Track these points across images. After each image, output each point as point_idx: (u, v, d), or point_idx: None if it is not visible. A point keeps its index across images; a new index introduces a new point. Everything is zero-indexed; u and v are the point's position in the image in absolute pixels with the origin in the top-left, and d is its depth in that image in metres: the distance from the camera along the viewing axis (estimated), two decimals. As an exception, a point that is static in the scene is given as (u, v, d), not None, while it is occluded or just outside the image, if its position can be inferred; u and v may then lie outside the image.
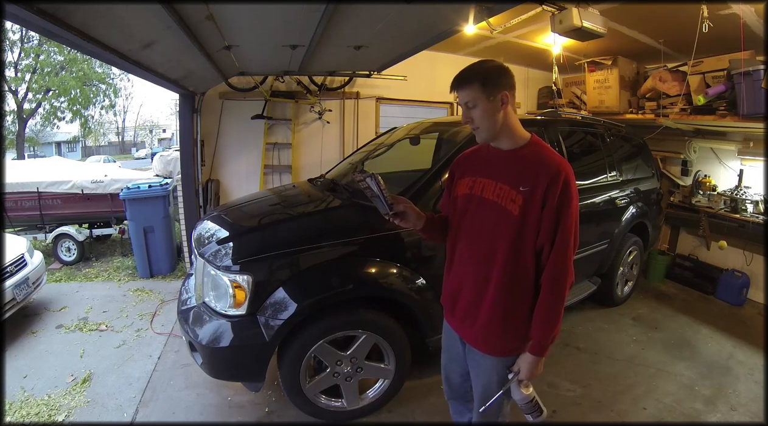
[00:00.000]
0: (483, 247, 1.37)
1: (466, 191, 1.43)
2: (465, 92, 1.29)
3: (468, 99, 1.30)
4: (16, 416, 2.31)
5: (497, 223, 1.32)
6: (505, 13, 2.73)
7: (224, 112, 4.32)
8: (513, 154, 1.36)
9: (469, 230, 1.42)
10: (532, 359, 1.33)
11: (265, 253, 2.02)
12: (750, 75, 2.95)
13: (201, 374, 2.29)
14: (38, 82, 14.15)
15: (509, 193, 1.30)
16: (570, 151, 2.94)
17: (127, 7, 1.73)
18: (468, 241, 1.42)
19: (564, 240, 1.27)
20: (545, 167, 1.27)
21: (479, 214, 1.38)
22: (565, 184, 1.25)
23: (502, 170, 1.35)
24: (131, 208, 4.29)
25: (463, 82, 1.29)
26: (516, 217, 1.28)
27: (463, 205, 1.44)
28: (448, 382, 1.70)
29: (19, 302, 3.15)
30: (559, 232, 1.26)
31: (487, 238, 1.35)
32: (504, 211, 1.31)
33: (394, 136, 3.31)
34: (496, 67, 1.30)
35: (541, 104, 5.43)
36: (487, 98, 1.28)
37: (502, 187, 1.33)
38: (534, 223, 1.28)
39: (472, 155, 1.51)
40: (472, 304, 1.41)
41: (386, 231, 2.15)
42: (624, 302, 3.71)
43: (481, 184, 1.39)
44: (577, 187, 1.28)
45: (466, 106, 1.32)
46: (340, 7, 2.06)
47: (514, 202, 1.29)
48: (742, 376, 2.71)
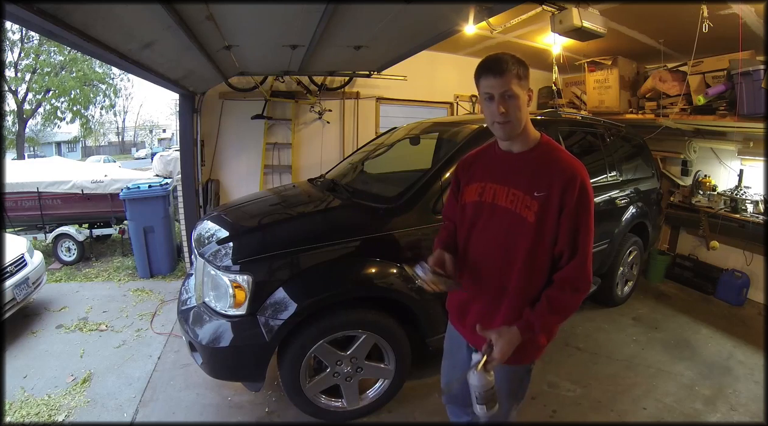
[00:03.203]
0: (497, 257, 1.30)
1: (476, 198, 1.35)
2: (502, 80, 1.17)
3: (505, 88, 1.18)
4: (16, 416, 2.30)
5: (512, 231, 1.26)
6: (505, 13, 2.74)
7: (224, 112, 4.32)
8: (524, 157, 1.29)
9: (480, 239, 1.35)
10: (515, 337, 1.20)
11: (265, 253, 2.02)
12: (750, 75, 2.95)
13: (201, 374, 2.29)
14: (38, 82, 14.14)
15: (524, 200, 1.24)
16: (570, 151, 2.91)
17: (127, 7, 1.72)
18: (480, 250, 1.35)
19: (585, 246, 1.21)
20: (560, 171, 1.21)
21: (492, 222, 1.31)
22: (581, 189, 1.19)
23: (514, 175, 1.28)
24: (131, 208, 4.29)
25: (501, 69, 1.17)
26: (532, 224, 1.22)
27: (473, 213, 1.36)
28: (448, 388, 1.69)
29: (19, 302, 3.15)
30: (580, 238, 1.20)
31: (502, 247, 1.29)
32: (519, 219, 1.24)
33: (394, 136, 3.31)
34: (523, 62, 1.21)
35: (541, 104, 5.43)
36: (523, 89, 1.21)
37: (516, 192, 1.25)
38: (551, 229, 1.22)
39: (478, 158, 1.43)
40: (485, 313, 1.35)
41: (386, 231, 2.15)
42: (624, 302, 3.70)
43: (492, 190, 1.31)
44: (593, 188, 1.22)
45: (502, 97, 1.19)
46: (340, 7, 2.05)
47: (529, 208, 1.22)
48: (742, 376, 2.71)
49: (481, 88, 1.22)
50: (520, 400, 1.50)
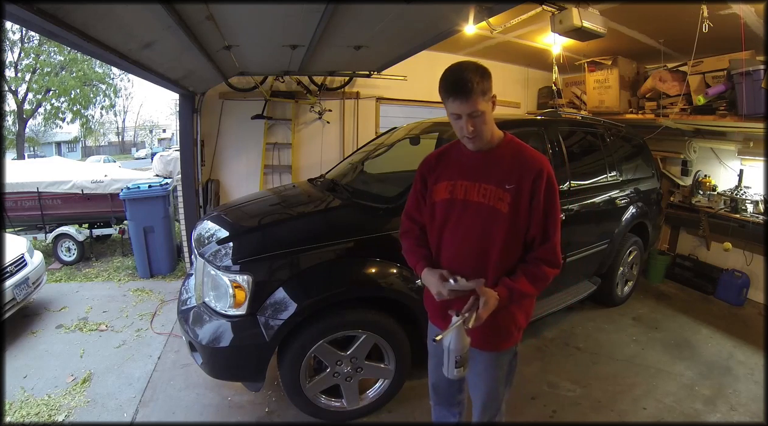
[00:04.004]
0: (473, 250, 1.35)
1: (447, 196, 1.40)
2: (470, 103, 1.22)
3: (473, 109, 1.23)
4: (16, 416, 2.30)
5: (488, 223, 1.33)
6: (505, 13, 2.73)
7: (224, 112, 4.32)
8: (491, 154, 1.36)
9: (455, 235, 1.39)
10: (493, 299, 1.25)
11: (265, 253, 2.02)
12: (750, 75, 2.95)
13: (201, 374, 2.29)
14: (38, 82, 14.13)
15: (496, 192, 1.32)
16: (570, 151, 2.94)
17: (127, 7, 1.72)
18: (455, 246, 1.39)
19: (554, 230, 1.33)
20: (529, 166, 1.31)
21: (465, 217, 1.36)
22: (549, 180, 1.31)
23: (483, 171, 1.35)
24: (131, 208, 4.29)
25: (466, 91, 1.21)
26: (506, 214, 1.31)
27: (444, 211, 1.40)
28: (435, 388, 1.71)
29: (19, 302, 3.15)
30: (550, 223, 1.32)
31: (478, 240, 1.34)
32: (494, 211, 1.32)
33: (394, 136, 3.30)
34: (485, 70, 1.26)
35: (541, 104, 5.42)
36: (487, 104, 1.26)
37: (487, 187, 1.33)
38: (523, 218, 1.31)
39: (443, 158, 1.47)
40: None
41: (386, 231, 2.15)
42: (624, 302, 3.70)
43: (463, 187, 1.37)
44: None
45: (470, 116, 1.25)
46: (340, 7, 2.05)
47: (502, 200, 1.31)
48: (742, 376, 2.71)
49: (448, 107, 1.28)
50: (510, 384, 1.58)
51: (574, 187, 2.86)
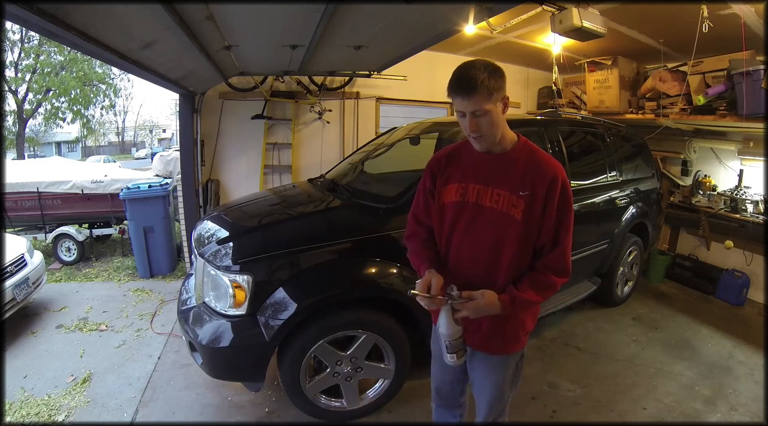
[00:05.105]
0: (484, 256, 1.32)
1: (457, 198, 1.36)
2: (473, 101, 1.18)
3: (476, 107, 1.19)
4: (16, 416, 2.30)
5: (500, 229, 1.29)
6: (505, 13, 2.73)
7: (224, 112, 4.32)
8: (504, 158, 1.32)
9: (465, 240, 1.35)
10: (493, 306, 1.24)
11: (265, 253, 2.02)
12: (750, 75, 2.95)
13: (201, 374, 2.29)
14: (38, 82, 14.15)
15: (509, 199, 1.28)
16: (570, 151, 2.94)
17: (127, 7, 1.72)
18: (465, 250, 1.36)
19: (565, 239, 1.30)
20: (543, 172, 1.27)
21: (477, 222, 1.33)
22: (563, 187, 1.28)
23: (496, 175, 1.31)
24: (131, 208, 4.29)
25: (470, 88, 1.17)
26: (519, 221, 1.27)
27: (454, 213, 1.36)
28: (438, 391, 1.70)
29: (19, 302, 3.15)
30: (562, 232, 1.29)
31: (490, 246, 1.31)
32: (507, 217, 1.28)
33: (394, 136, 3.30)
34: (496, 69, 1.21)
35: (541, 104, 5.42)
36: (495, 105, 1.21)
37: (500, 192, 1.29)
38: (535, 225, 1.28)
39: (453, 158, 1.42)
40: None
41: (386, 231, 2.15)
42: (624, 302, 3.70)
43: (475, 191, 1.33)
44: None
45: (473, 115, 1.21)
46: (340, 7, 2.05)
47: (516, 207, 1.27)
48: (742, 376, 2.71)
49: (454, 104, 1.25)
50: (516, 386, 1.57)
51: (574, 187, 2.82)
